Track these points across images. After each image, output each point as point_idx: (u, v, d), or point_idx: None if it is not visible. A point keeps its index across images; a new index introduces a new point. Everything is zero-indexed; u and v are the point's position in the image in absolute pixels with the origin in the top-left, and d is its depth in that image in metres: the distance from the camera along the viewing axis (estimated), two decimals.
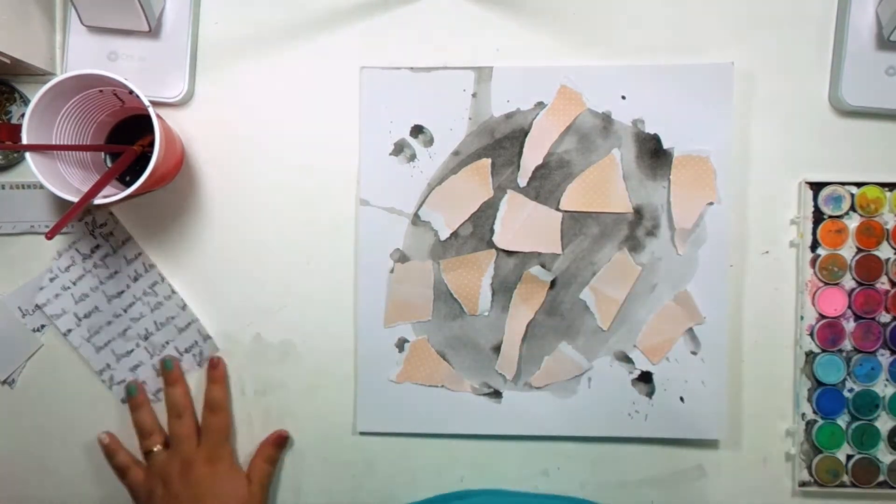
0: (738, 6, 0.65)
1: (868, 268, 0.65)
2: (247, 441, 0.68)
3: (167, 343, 0.68)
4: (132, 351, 0.68)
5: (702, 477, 0.67)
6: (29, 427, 0.69)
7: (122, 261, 0.68)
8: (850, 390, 0.65)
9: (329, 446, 0.68)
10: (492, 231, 0.66)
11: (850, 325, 0.65)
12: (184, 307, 0.68)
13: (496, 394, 0.67)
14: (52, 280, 0.68)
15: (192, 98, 0.67)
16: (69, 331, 0.68)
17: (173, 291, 0.68)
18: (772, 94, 0.65)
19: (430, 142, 0.66)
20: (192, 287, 0.68)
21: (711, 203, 0.65)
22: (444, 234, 0.66)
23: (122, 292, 0.68)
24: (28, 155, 0.58)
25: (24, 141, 0.58)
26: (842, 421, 0.65)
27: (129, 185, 0.58)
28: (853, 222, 0.65)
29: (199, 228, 0.68)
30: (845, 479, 0.65)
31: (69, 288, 0.68)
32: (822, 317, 0.65)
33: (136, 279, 0.68)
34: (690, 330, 0.65)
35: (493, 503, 0.65)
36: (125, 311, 0.68)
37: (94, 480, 0.69)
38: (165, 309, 0.68)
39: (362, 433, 0.67)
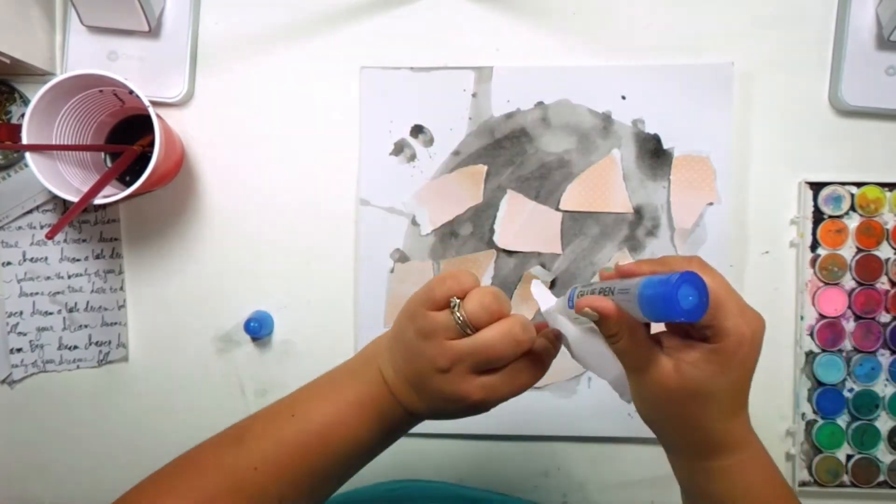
0: (738, 6, 0.65)
1: (868, 268, 0.65)
2: None
3: (85, 326, 0.67)
4: (50, 313, 0.67)
5: None
6: (29, 427, 0.69)
7: (97, 234, 0.67)
8: (850, 390, 0.65)
9: None
10: (492, 231, 0.66)
11: (850, 325, 0.65)
12: (121, 307, 0.67)
13: None
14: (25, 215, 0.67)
15: (192, 98, 0.67)
16: (8, 263, 0.66)
17: (121, 288, 0.67)
18: (772, 94, 0.65)
19: (430, 142, 0.66)
20: (192, 287, 0.68)
21: (711, 203, 0.65)
22: (426, 230, 0.66)
23: (77, 260, 0.67)
24: (28, 155, 0.58)
25: (24, 141, 0.58)
26: (842, 421, 0.65)
27: (129, 185, 0.58)
28: (853, 222, 0.65)
29: (199, 228, 0.68)
30: (845, 479, 0.65)
31: (35, 228, 0.67)
32: (822, 317, 0.65)
33: (97, 257, 0.67)
34: None
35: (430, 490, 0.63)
36: (69, 276, 0.67)
37: (93, 480, 0.69)
38: (104, 298, 0.67)
39: None
